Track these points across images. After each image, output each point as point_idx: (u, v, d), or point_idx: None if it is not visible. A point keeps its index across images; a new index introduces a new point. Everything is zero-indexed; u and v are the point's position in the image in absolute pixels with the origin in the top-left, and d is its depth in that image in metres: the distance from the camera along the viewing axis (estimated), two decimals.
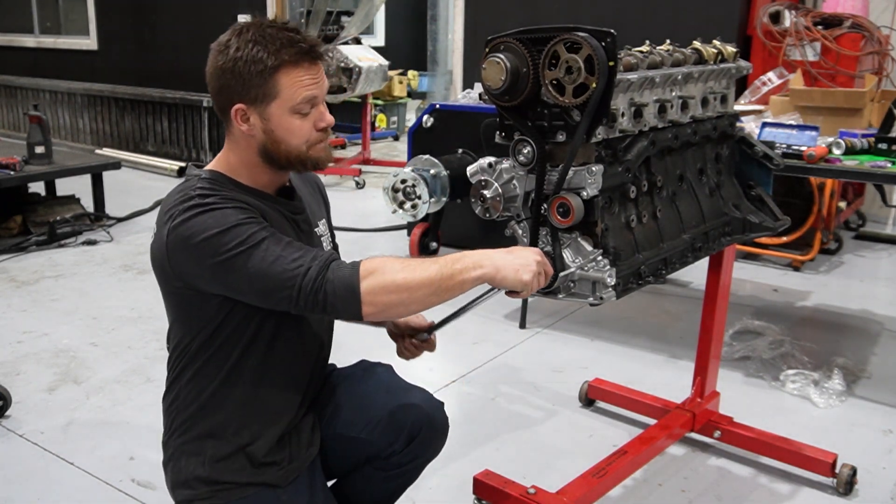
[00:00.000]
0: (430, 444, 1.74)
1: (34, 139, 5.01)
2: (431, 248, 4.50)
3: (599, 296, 1.69)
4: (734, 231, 2.20)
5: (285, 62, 1.48)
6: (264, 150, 1.54)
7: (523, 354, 3.38)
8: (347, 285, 1.41)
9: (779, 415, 2.84)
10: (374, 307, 1.42)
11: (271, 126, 1.51)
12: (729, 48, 2.16)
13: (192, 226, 1.43)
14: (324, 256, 1.45)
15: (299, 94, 1.50)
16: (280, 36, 1.49)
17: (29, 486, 2.40)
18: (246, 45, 1.48)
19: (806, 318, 3.87)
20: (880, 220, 5.43)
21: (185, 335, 1.59)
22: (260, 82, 1.48)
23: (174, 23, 7.50)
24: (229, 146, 1.59)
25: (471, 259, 1.48)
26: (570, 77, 1.57)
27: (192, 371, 1.59)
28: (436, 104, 4.66)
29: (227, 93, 1.51)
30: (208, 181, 1.53)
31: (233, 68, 1.49)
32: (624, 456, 2.26)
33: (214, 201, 1.46)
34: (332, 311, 1.43)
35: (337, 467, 1.78)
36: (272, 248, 1.42)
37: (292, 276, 1.41)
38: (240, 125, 1.52)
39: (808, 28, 4.49)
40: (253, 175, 1.58)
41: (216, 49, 1.53)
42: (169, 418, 1.65)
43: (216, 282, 1.46)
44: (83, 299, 3.95)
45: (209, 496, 1.59)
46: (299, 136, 1.53)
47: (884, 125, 3.03)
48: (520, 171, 1.72)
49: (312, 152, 1.56)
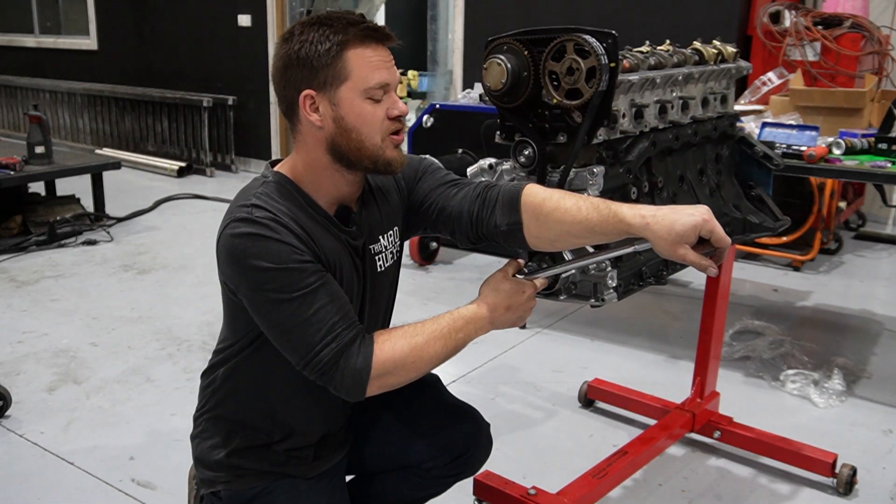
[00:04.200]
0: (472, 462, 1.76)
1: (34, 139, 5.01)
2: (431, 248, 4.50)
3: (601, 297, 1.69)
4: (734, 231, 2.20)
5: (353, 39, 1.40)
6: (333, 145, 1.44)
7: (523, 354, 3.38)
8: (356, 378, 1.40)
9: (779, 415, 2.84)
10: (379, 391, 1.43)
11: (342, 112, 1.42)
12: (729, 48, 2.16)
13: (239, 246, 1.38)
14: (343, 340, 1.39)
15: (371, 77, 1.41)
16: (344, 17, 1.42)
17: (29, 486, 2.40)
18: (310, 28, 1.41)
19: (806, 318, 3.87)
20: (880, 220, 5.43)
21: (231, 332, 1.57)
22: (328, 62, 1.39)
23: (174, 23, 7.49)
24: (297, 149, 1.50)
25: (472, 326, 1.49)
26: (570, 78, 1.57)
27: (232, 364, 1.57)
28: (436, 104, 4.66)
29: (295, 81, 1.42)
30: (273, 187, 1.46)
31: (298, 52, 1.41)
32: (624, 456, 2.26)
33: (267, 221, 1.38)
34: (334, 391, 1.43)
35: (371, 467, 1.78)
36: (302, 309, 1.37)
37: (305, 349, 1.39)
38: (308, 114, 1.43)
39: (808, 28, 4.49)
40: (317, 181, 1.48)
41: (280, 41, 1.46)
42: (204, 397, 1.64)
43: (248, 305, 1.44)
44: (83, 299, 3.95)
45: (230, 479, 1.59)
46: (371, 122, 1.43)
47: (884, 125, 3.02)
48: (521, 173, 1.72)
49: (386, 147, 1.45)
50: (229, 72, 7.14)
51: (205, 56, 7.31)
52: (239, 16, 6.93)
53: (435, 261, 4.57)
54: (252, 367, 1.56)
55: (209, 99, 6.98)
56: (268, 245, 1.37)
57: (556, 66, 1.58)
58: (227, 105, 6.98)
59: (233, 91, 7.02)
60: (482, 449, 1.77)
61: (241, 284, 1.41)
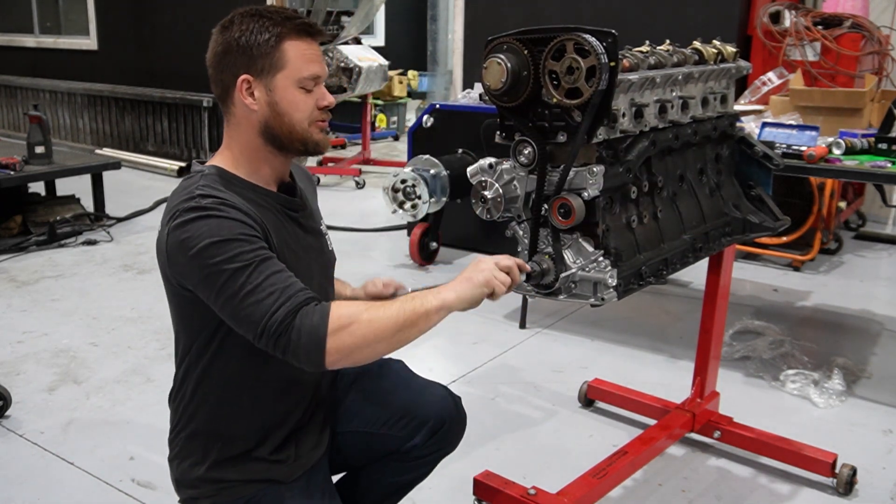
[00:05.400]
0: (450, 437, 1.76)
1: (34, 139, 5.01)
2: (431, 248, 4.50)
3: (601, 297, 1.69)
4: (734, 231, 2.21)
5: (290, 32, 1.51)
6: (266, 127, 1.53)
7: (523, 354, 3.38)
8: (313, 335, 1.36)
9: (779, 415, 2.84)
10: (338, 357, 1.38)
11: (276, 98, 1.52)
12: (729, 48, 2.16)
13: (189, 230, 1.41)
14: (297, 299, 1.39)
15: (305, 68, 1.52)
16: (282, 11, 1.54)
17: (29, 486, 2.40)
18: (250, 19, 1.52)
19: (806, 318, 3.87)
20: (880, 220, 5.43)
21: (188, 336, 1.58)
22: (267, 51, 1.50)
23: (174, 23, 7.49)
24: (229, 135, 1.58)
25: (428, 292, 1.47)
26: (569, 77, 1.57)
27: (198, 372, 1.58)
28: (436, 104, 4.66)
29: (233, 67, 1.52)
30: (211, 177, 1.51)
31: (238, 40, 1.51)
32: (624, 456, 2.26)
33: (214, 204, 1.43)
34: (293, 358, 1.38)
35: (353, 461, 1.80)
36: (252, 277, 1.38)
37: (260, 314, 1.37)
38: (244, 98, 1.52)
39: (808, 28, 4.49)
40: (254, 165, 1.57)
41: (219, 28, 1.55)
42: (175, 417, 1.65)
43: (201, 291, 1.44)
44: (83, 299, 3.95)
45: (213, 493, 1.59)
46: (303, 109, 1.54)
47: (884, 125, 3.02)
48: (520, 172, 1.72)
49: (313, 131, 1.56)
50: None
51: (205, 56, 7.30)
52: None
53: (435, 261, 4.57)
54: (217, 369, 1.56)
55: (209, 99, 6.98)
56: (219, 222, 1.41)
57: (556, 65, 1.58)
58: None
59: None
60: (457, 422, 1.76)
61: (193, 268, 1.42)
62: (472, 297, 1.50)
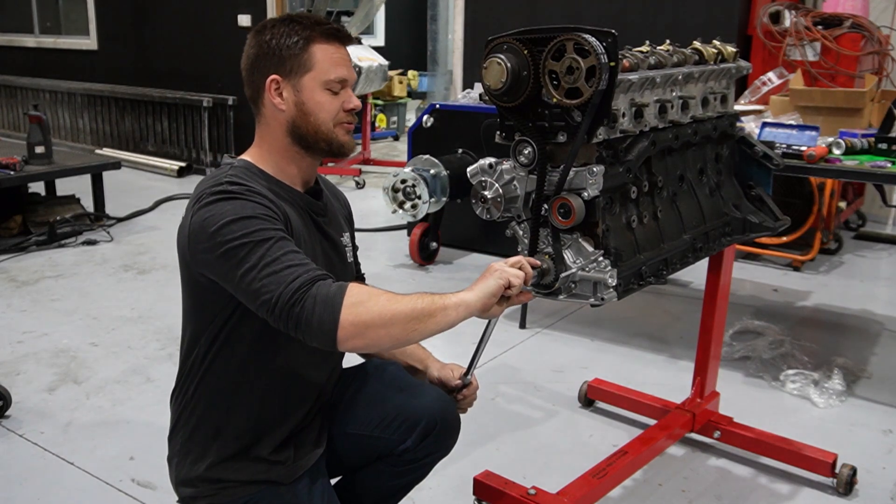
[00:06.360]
0: (442, 441, 1.75)
1: (34, 139, 5.01)
2: (431, 248, 4.50)
3: (601, 296, 1.69)
4: (734, 231, 2.20)
5: (318, 36, 1.58)
6: (293, 126, 1.59)
7: (523, 354, 3.38)
8: (328, 304, 1.35)
9: (779, 415, 2.84)
10: (352, 331, 1.35)
11: (303, 98, 1.58)
12: (729, 48, 2.16)
13: (213, 209, 1.46)
14: (315, 272, 1.40)
15: (332, 71, 1.58)
16: (311, 17, 1.62)
17: (29, 486, 2.40)
18: (281, 23, 1.59)
19: (806, 318, 3.87)
20: (880, 220, 5.44)
21: (198, 326, 1.59)
22: (296, 53, 1.57)
23: (174, 23, 7.49)
24: (259, 134, 1.64)
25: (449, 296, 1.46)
26: (569, 77, 1.57)
27: (202, 369, 1.59)
28: (436, 104, 4.66)
29: (264, 68, 1.59)
30: (240, 169, 1.57)
31: (269, 43, 1.58)
32: (624, 456, 2.26)
33: (240, 190, 1.48)
34: (306, 329, 1.36)
35: (348, 464, 1.79)
36: (272, 251, 1.41)
37: (277, 282, 1.37)
38: (273, 97, 1.58)
39: (808, 28, 4.49)
40: (281, 164, 1.62)
41: (253, 33, 1.62)
42: (176, 415, 1.66)
43: (218, 269, 1.45)
44: (83, 299, 3.95)
45: (213, 493, 1.60)
46: (328, 110, 1.59)
47: (884, 125, 3.02)
48: (520, 172, 1.72)
49: (338, 132, 1.61)
50: (229, 72, 7.10)
51: (205, 56, 7.31)
52: (239, 16, 6.93)
53: (435, 261, 4.57)
54: (223, 361, 1.57)
55: (209, 99, 6.98)
56: (242, 203, 1.46)
57: (556, 65, 1.58)
58: (226, 105, 6.97)
59: (233, 91, 7.01)
60: (450, 425, 1.75)
61: (213, 244, 1.44)
62: (489, 289, 1.47)
